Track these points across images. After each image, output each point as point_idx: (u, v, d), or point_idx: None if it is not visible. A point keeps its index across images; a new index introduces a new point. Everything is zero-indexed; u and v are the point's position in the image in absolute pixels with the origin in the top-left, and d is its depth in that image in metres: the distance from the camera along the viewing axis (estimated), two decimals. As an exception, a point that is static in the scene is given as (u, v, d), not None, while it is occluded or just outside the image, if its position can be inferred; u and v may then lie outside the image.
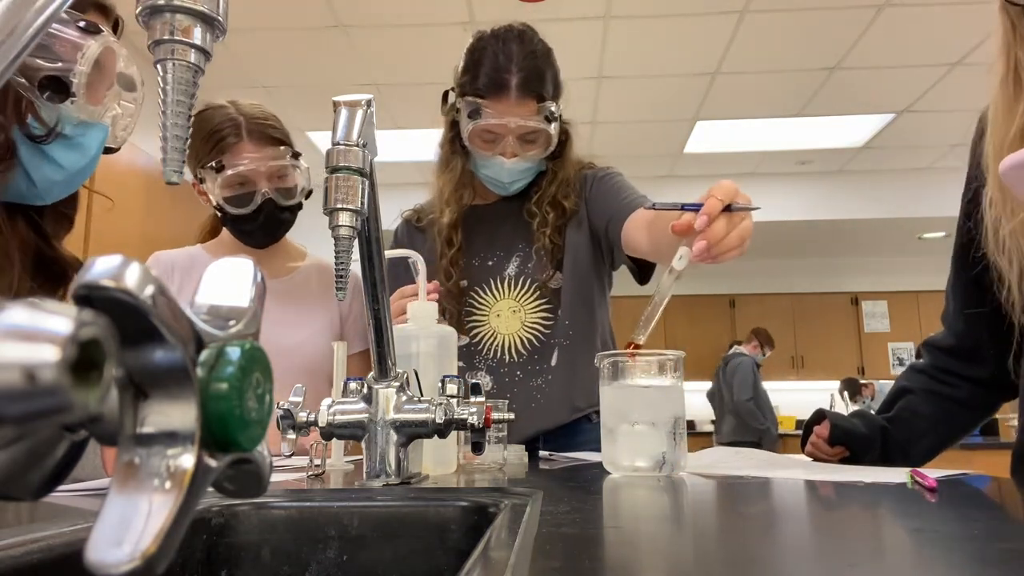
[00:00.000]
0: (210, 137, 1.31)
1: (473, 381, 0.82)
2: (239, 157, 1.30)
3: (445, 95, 1.35)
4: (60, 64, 0.81)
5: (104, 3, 0.91)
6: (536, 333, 1.38)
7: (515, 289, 1.39)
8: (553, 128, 1.29)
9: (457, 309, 1.38)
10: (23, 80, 0.79)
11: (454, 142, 1.37)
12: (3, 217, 0.86)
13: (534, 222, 1.38)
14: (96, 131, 0.89)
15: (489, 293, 1.40)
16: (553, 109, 1.28)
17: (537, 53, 1.28)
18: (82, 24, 0.82)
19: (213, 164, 1.28)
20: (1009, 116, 0.83)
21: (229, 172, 1.28)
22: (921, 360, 1.14)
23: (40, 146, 0.84)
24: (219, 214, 1.34)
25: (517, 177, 1.35)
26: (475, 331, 1.39)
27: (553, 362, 1.37)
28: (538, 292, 1.38)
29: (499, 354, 1.38)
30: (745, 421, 5.57)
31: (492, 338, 1.39)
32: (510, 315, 1.39)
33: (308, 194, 1.37)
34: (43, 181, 0.86)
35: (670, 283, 0.84)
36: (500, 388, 1.36)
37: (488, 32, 1.31)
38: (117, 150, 0.95)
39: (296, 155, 1.35)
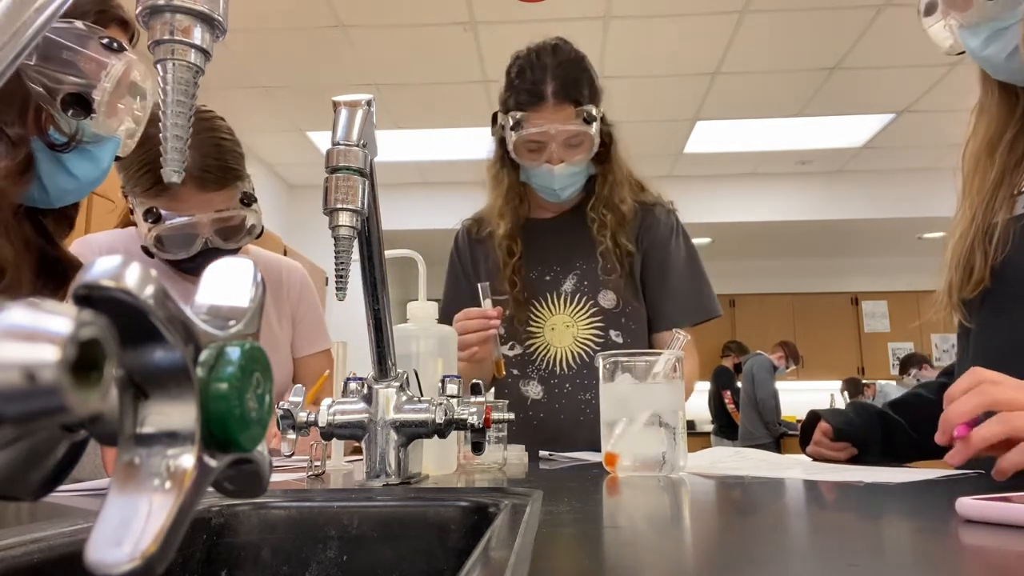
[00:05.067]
0: (149, 170, 1.11)
1: (474, 381, 0.82)
2: (180, 203, 1.12)
3: (495, 117, 1.40)
4: (83, 81, 0.81)
5: (126, 18, 0.91)
6: (587, 349, 1.42)
7: (570, 305, 1.43)
8: (593, 129, 1.32)
9: (524, 316, 1.42)
10: (46, 94, 0.79)
11: (503, 158, 1.42)
12: (9, 218, 0.87)
13: (594, 227, 1.41)
14: (110, 144, 0.90)
15: (545, 307, 1.44)
16: (592, 111, 1.31)
17: (570, 61, 1.33)
18: (105, 41, 0.83)
19: (149, 211, 1.11)
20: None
21: (166, 224, 1.12)
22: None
23: (57, 156, 0.84)
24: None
25: (566, 183, 1.38)
26: (529, 341, 1.44)
27: None
28: (593, 310, 1.42)
29: (551, 366, 1.42)
30: (763, 419, 5.57)
31: (545, 350, 1.43)
32: (563, 329, 1.43)
33: (259, 233, 1.21)
34: (56, 190, 0.88)
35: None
36: (550, 398, 1.41)
37: (524, 49, 1.37)
38: (124, 158, 0.96)
39: (247, 195, 1.18)
